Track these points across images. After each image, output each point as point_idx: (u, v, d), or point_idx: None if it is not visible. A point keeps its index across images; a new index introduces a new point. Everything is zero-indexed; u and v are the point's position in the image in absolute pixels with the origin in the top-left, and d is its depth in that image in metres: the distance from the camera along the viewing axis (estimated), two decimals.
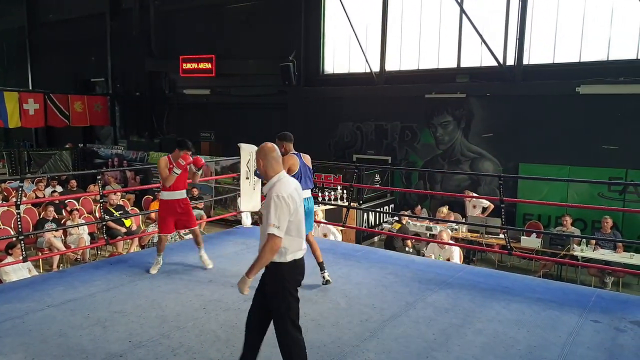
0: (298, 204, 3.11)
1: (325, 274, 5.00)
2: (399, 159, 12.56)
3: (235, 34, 15.25)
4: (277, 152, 3.15)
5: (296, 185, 3.18)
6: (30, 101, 16.64)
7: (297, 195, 3.10)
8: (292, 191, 3.07)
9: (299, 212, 3.12)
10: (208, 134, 16.44)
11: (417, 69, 12.44)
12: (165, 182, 5.19)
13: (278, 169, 3.12)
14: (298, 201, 3.11)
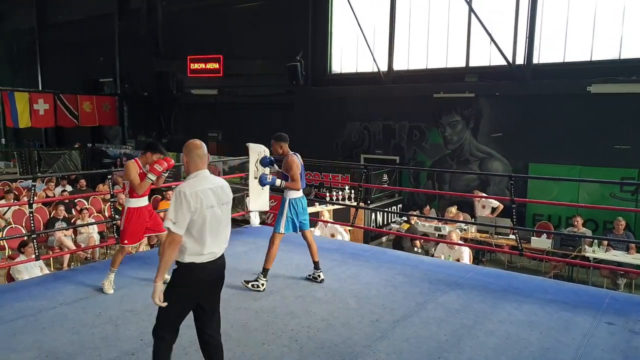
0: (207, 204, 2.91)
1: (318, 273, 5.02)
2: (407, 159, 12.52)
3: (242, 34, 15.27)
4: (202, 149, 3.02)
5: (216, 186, 3.00)
6: (40, 101, 16.77)
7: (210, 195, 2.93)
8: (204, 190, 2.91)
9: (207, 215, 2.90)
10: (216, 133, 16.47)
11: (425, 68, 12.40)
12: (138, 190, 4.69)
13: (200, 167, 2.99)
14: (210, 202, 2.92)
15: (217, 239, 2.99)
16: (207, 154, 3.06)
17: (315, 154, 12.82)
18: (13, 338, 3.67)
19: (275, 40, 14.53)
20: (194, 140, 3.06)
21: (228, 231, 3.11)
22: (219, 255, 3.03)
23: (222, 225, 3.04)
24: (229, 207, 3.11)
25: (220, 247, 3.05)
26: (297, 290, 4.77)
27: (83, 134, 19.37)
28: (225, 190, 3.08)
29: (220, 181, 3.08)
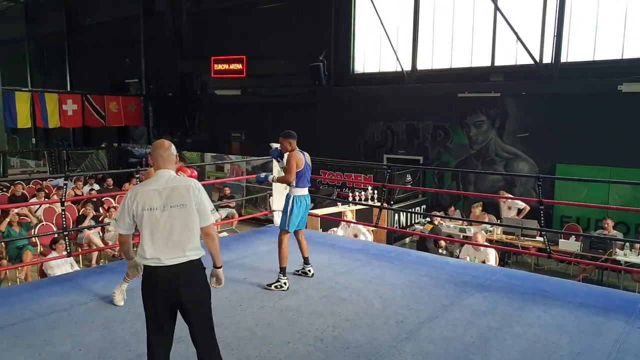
0: (146, 206, 2.77)
1: (308, 267, 5.16)
2: (431, 159, 12.42)
3: (265, 35, 15.36)
4: (164, 150, 2.94)
5: (165, 187, 2.81)
6: (69, 102, 17.16)
7: (152, 197, 2.77)
8: (146, 191, 2.79)
9: (145, 217, 2.76)
10: (239, 134, 16.62)
11: (449, 67, 12.29)
12: None
13: (160, 166, 2.90)
14: (150, 204, 2.77)
15: (163, 245, 2.76)
16: (172, 154, 2.96)
17: (337, 154, 12.85)
18: (47, 332, 3.77)
19: (298, 40, 14.58)
20: (160, 140, 3.05)
21: (185, 237, 2.80)
22: (169, 263, 2.75)
23: (172, 231, 2.78)
24: (186, 210, 2.80)
25: (171, 254, 2.77)
26: (321, 290, 4.78)
27: (109, 134, 19.75)
28: (180, 192, 2.81)
29: (178, 182, 2.86)
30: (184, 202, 2.80)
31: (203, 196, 2.89)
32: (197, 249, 2.85)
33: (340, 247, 6.37)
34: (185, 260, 2.79)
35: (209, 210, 2.90)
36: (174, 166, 2.99)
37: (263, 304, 4.38)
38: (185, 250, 2.79)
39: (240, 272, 5.22)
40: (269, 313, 4.19)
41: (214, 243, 2.97)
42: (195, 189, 2.86)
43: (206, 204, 2.89)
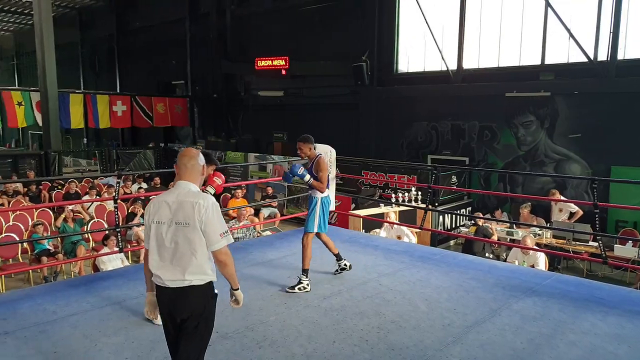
0: (155, 218, 2.61)
1: (344, 261, 5.11)
2: (477, 160, 12.15)
3: (308, 36, 15.44)
4: (185, 159, 2.70)
5: (175, 201, 2.60)
6: (118, 103, 17.81)
7: (163, 209, 2.60)
8: (159, 201, 2.63)
9: (152, 229, 2.63)
10: (281, 134, 16.77)
11: (497, 66, 11.98)
12: None
13: (180, 177, 2.70)
14: (158, 216, 2.61)
15: (165, 263, 2.59)
16: (197, 165, 2.71)
17: (380, 155, 12.77)
18: (102, 323, 3.91)
19: (340, 41, 14.58)
20: (187, 148, 2.85)
21: (186, 259, 2.55)
22: (169, 285, 2.57)
23: (176, 249, 2.57)
24: (189, 229, 2.55)
25: (172, 275, 2.57)
26: (366, 291, 4.74)
27: (156, 134, 20.34)
28: (186, 209, 2.56)
29: (188, 197, 2.60)
30: (188, 221, 2.56)
31: (212, 216, 2.58)
32: (200, 274, 2.58)
33: (383, 248, 6.31)
34: (185, 285, 2.56)
35: (217, 233, 2.58)
36: (198, 178, 2.74)
37: (307, 303, 4.40)
38: (185, 274, 2.55)
39: (284, 271, 5.25)
40: (314, 312, 4.20)
41: (226, 270, 2.68)
42: (202, 207, 2.56)
43: (215, 225, 2.58)
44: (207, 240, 2.58)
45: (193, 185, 2.68)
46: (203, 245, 2.58)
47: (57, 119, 14.43)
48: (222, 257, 2.64)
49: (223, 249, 2.63)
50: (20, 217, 9.17)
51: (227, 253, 2.66)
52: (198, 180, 2.74)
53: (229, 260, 2.69)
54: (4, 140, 30.88)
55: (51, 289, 4.79)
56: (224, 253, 2.64)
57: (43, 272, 8.09)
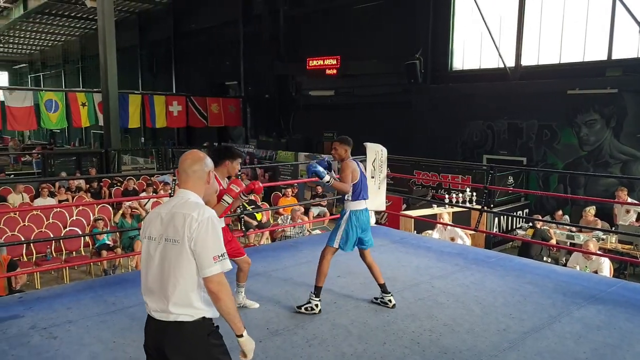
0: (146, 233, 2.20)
1: (388, 297, 4.27)
2: (536, 161, 11.68)
3: (360, 34, 15.36)
4: (195, 164, 2.25)
5: (168, 213, 2.15)
6: (174, 103, 18.40)
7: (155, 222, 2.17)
8: (155, 213, 2.23)
9: (144, 245, 2.21)
10: (331, 133, 16.76)
11: (558, 62, 11.45)
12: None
13: (182, 185, 2.26)
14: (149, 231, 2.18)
15: (150, 289, 2.14)
16: (201, 170, 2.25)
17: (433, 154, 12.51)
18: None
19: (393, 39, 14.42)
20: (191, 151, 2.37)
21: (170, 286, 2.07)
22: (155, 315, 2.12)
23: (162, 273, 2.10)
24: (177, 249, 2.08)
25: (156, 304, 2.11)
26: (418, 293, 4.65)
27: (210, 134, 20.86)
28: (176, 222, 2.09)
29: (181, 208, 2.13)
30: (177, 237, 2.08)
31: (206, 233, 2.07)
32: (187, 306, 2.07)
33: (436, 250, 6.17)
34: (170, 319, 2.08)
35: (210, 256, 2.05)
36: (201, 187, 2.26)
37: (358, 303, 4.36)
38: (168, 305, 2.06)
39: (333, 270, 5.21)
40: (364, 312, 4.16)
41: (221, 305, 2.08)
42: (194, 221, 2.07)
43: (208, 244, 2.06)
44: (198, 264, 2.07)
45: (193, 195, 2.21)
46: (192, 270, 2.08)
47: (117, 118, 15.06)
48: (214, 286, 2.06)
49: (216, 277, 2.06)
50: (83, 213, 9.64)
51: (221, 282, 2.07)
52: (201, 189, 2.26)
53: (224, 293, 2.08)
54: (69, 140, 32.62)
55: (110, 282, 5.00)
56: (216, 282, 2.06)
57: (103, 265, 8.47)
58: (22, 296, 4.54)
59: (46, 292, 4.77)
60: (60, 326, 3.79)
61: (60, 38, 31.38)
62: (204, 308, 2.11)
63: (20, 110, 15.33)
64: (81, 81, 31.18)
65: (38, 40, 32.35)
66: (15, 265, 6.49)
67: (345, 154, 4.35)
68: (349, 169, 4.19)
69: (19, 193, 10.97)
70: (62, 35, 30.22)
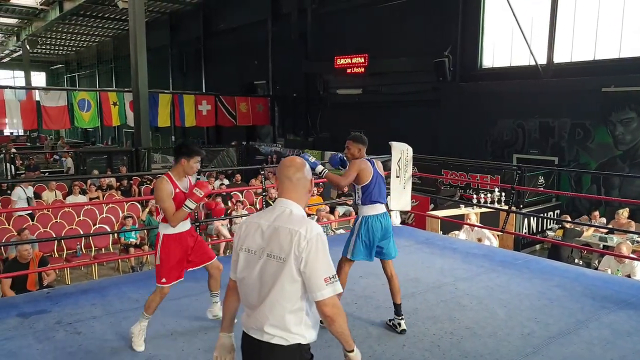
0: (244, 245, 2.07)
1: (399, 320, 3.82)
2: (568, 160, 11.35)
3: (388, 32, 15.24)
4: (298, 172, 2.10)
5: (271, 225, 2.02)
6: (203, 103, 18.65)
7: (255, 234, 2.04)
8: (252, 223, 2.10)
9: (240, 258, 2.07)
10: (358, 132, 16.63)
11: (592, 59, 11.10)
12: (172, 221, 3.49)
13: (283, 194, 2.12)
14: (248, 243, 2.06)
15: (249, 302, 2.03)
16: (304, 179, 2.11)
17: (461, 153, 12.30)
18: (179, 313, 4.08)
19: (421, 36, 14.25)
20: (290, 157, 2.23)
21: (267, 306, 1.95)
22: (251, 333, 2.01)
23: (261, 290, 1.98)
24: (282, 267, 1.93)
25: (253, 322, 1.99)
26: (440, 295, 4.57)
27: (239, 133, 21.05)
28: (281, 238, 1.95)
29: (286, 222, 1.99)
30: (282, 255, 1.94)
31: (316, 254, 1.93)
32: (283, 329, 1.94)
33: (462, 251, 6.07)
34: (264, 339, 1.96)
35: (321, 277, 1.92)
36: (304, 196, 2.12)
37: (378, 304, 4.32)
38: (264, 324, 1.95)
39: (356, 270, 5.18)
40: (384, 313, 4.11)
41: (334, 327, 1.99)
42: (303, 238, 1.93)
43: (318, 266, 1.92)
44: (307, 286, 1.93)
45: (296, 207, 2.07)
46: (297, 291, 1.94)
47: (147, 117, 15.35)
48: (329, 310, 1.94)
49: (329, 300, 1.93)
50: (112, 210, 9.86)
51: (335, 305, 1.95)
52: (304, 199, 2.13)
53: (338, 315, 1.97)
54: (103, 138, 33.46)
55: (135, 278, 5.10)
56: (330, 305, 1.93)
57: (131, 262, 8.65)
58: (50, 292, 4.67)
59: (72, 288, 4.90)
60: (85, 322, 3.88)
61: (94, 39, 32.22)
62: (301, 333, 1.97)
63: (55, 109, 15.82)
64: (114, 81, 31.95)
65: (73, 42, 33.29)
66: (46, 261, 6.68)
67: (359, 153, 3.99)
68: (354, 168, 3.84)
69: (52, 190, 11.31)
70: (96, 36, 31.02)
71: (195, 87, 23.24)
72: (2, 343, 3.51)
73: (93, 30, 29.02)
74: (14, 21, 25.67)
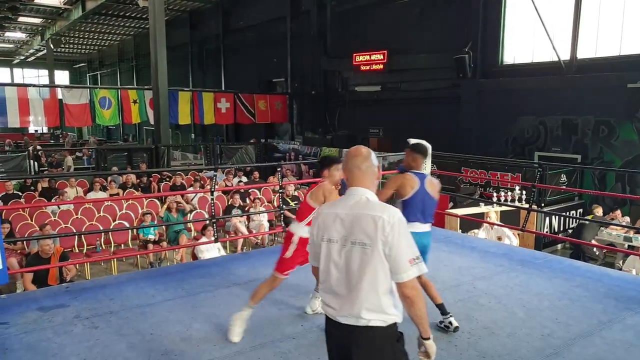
0: (324, 235, 2.14)
1: (449, 319, 3.71)
2: (591, 158, 11.10)
3: (407, 29, 15.10)
4: (366, 161, 2.19)
5: (349, 213, 2.09)
6: (222, 100, 18.74)
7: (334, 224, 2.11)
8: (328, 214, 2.15)
9: (322, 249, 2.14)
10: (377, 130, 16.60)
11: (618, 54, 10.82)
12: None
13: (355, 183, 2.19)
14: (329, 233, 2.12)
15: (337, 293, 2.09)
16: (372, 166, 2.20)
17: (481, 151, 12.14)
18: (195, 310, 4.09)
19: (441, 33, 14.08)
20: (356, 146, 2.28)
21: (362, 292, 2.02)
22: (341, 320, 2.07)
23: (349, 278, 2.05)
24: (368, 252, 2.01)
25: (343, 309, 2.06)
26: (458, 293, 4.51)
27: (257, 130, 21.12)
28: (364, 224, 2.03)
29: (365, 208, 2.08)
30: (366, 241, 2.02)
31: (399, 236, 2.01)
32: (380, 312, 2.03)
33: (481, 250, 5.97)
34: (361, 324, 2.03)
35: (405, 259, 2.01)
36: (374, 183, 2.21)
37: None
38: (361, 310, 2.02)
39: None
40: None
41: (414, 309, 2.06)
42: (387, 223, 2.01)
43: (403, 249, 2.01)
44: (392, 268, 2.02)
45: (370, 193, 2.15)
46: (386, 274, 2.03)
47: (167, 115, 15.49)
48: (410, 291, 2.03)
49: (411, 282, 2.02)
50: (132, 206, 9.96)
51: (415, 287, 2.05)
52: (374, 186, 2.21)
53: (419, 297, 2.06)
54: (123, 136, 33.91)
55: (153, 274, 5.14)
56: (411, 287, 2.03)
57: (149, 258, 8.74)
58: (69, 286, 4.74)
59: (91, 283, 4.97)
60: (102, 316, 3.92)
61: (116, 37, 32.64)
62: (395, 313, 2.08)
63: (77, 107, 16.08)
64: (134, 79, 32.34)
65: (95, 40, 33.78)
66: (67, 256, 6.78)
67: (414, 163, 3.74)
68: (390, 184, 3.65)
69: (73, 187, 11.48)
70: (118, 34, 31.42)
71: (214, 84, 23.38)
72: (21, 336, 3.56)
73: (114, 29, 29.40)
74: (38, 21, 26.15)
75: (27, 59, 39.10)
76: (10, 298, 4.48)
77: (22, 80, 39.34)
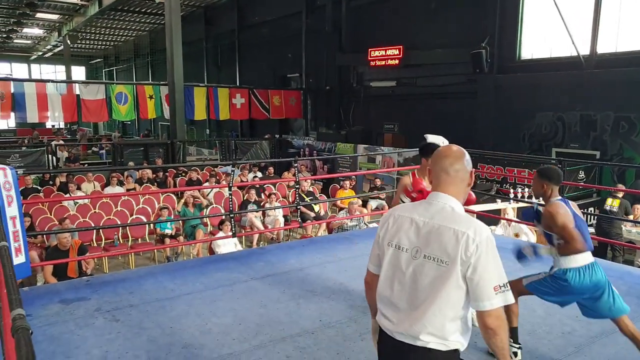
0: (392, 240, 1.92)
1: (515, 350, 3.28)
2: (610, 155, 10.93)
3: (423, 24, 14.98)
4: (456, 163, 1.91)
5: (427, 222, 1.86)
6: (237, 96, 18.79)
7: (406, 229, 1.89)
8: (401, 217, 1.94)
9: (387, 253, 1.94)
10: (392, 125, 16.52)
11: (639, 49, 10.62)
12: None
13: (440, 188, 1.93)
14: (398, 238, 1.90)
15: (396, 306, 1.87)
16: (463, 170, 1.91)
17: (498, 147, 12.01)
18: (214, 304, 4.12)
19: (457, 27, 13.94)
20: (446, 146, 2.00)
21: (427, 312, 1.79)
22: (397, 337, 1.86)
23: (415, 292, 1.82)
24: (444, 271, 1.78)
25: (402, 325, 1.84)
26: None
27: (272, 126, 21.15)
28: (444, 239, 1.79)
29: (448, 220, 1.82)
30: (445, 258, 1.78)
31: (487, 259, 1.76)
32: (441, 337, 1.80)
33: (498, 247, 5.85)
34: (418, 344, 1.82)
35: (491, 285, 1.75)
36: (463, 191, 1.92)
37: None
38: (420, 333, 1.80)
39: None
40: None
41: (496, 340, 1.80)
42: (472, 241, 1.76)
43: (489, 273, 1.76)
44: (473, 294, 1.77)
45: (456, 203, 1.88)
46: (460, 299, 1.79)
47: (183, 110, 15.57)
48: (493, 322, 1.78)
49: (495, 311, 1.76)
50: (148, 201, 10.06)
51: (500, 317, 1.79)
52: (463, 194, 1.92)
53: (502, 329, 1.80)
54: (139, 131, 34.19)
55: (171, 269, 5.18)
56: (495, 316, 1.77)
57: (166, 252, 8.82)
58: (89, 280, 4.80)
59: (111, 277, 5.02)
60: (123, 310, 3.97)
61: (132, 33, 32.86)
62: (459, 341, 1.84)
63: (93, 102, 16.23)
64: (150, 74, 32.55)
65: (112, 36, 34.06)
66: (85, 249, 6.88)
67: (546, 191, 3.15)
68: (561, 217, 2.99)
69: (90, 181, 11.62)
70: (134, 30, 31.63)
71: (229, 80, 23.44)
72: (44, 328, 3.61)
73: (130, 24, 29.61)
74: (55, 17, 26.42)
75: (44, 55, 39.58)
76: (33, 291, 4.55)
77: (39, 76, 39.79)
